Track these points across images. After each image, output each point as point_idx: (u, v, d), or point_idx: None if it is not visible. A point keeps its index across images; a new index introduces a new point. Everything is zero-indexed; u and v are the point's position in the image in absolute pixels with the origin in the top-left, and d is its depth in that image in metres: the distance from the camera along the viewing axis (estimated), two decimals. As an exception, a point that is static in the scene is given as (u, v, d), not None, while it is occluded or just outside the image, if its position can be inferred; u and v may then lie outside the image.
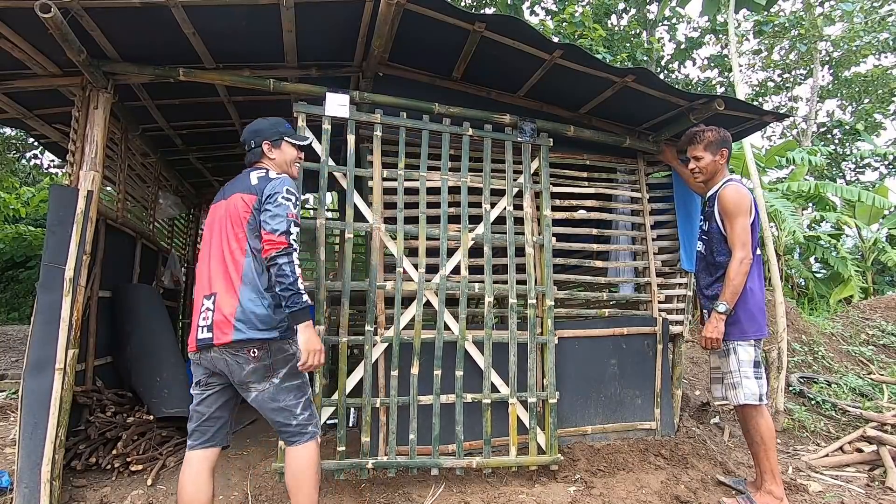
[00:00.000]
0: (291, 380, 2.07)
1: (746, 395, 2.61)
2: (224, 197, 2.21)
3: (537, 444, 3.03)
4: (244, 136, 2.32)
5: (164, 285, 4.92)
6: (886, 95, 12.92)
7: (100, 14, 2.49)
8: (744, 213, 2.58)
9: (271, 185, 2.09)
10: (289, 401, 2.05)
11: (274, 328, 2.02)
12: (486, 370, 3.02)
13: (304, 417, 2.08)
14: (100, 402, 3.23)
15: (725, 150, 2.74)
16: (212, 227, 2.19)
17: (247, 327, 1.98)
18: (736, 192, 2.61)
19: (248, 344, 1.97)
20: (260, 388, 2.02)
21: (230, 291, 2.01)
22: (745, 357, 2.63)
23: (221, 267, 2.06)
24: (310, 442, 2.09)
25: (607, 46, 8.31)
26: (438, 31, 2.84)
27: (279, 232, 1.97)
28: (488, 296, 3.09)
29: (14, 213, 9.58)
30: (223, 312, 1.99)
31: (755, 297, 2.65)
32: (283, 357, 2.05)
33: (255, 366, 1.99)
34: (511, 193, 3.26)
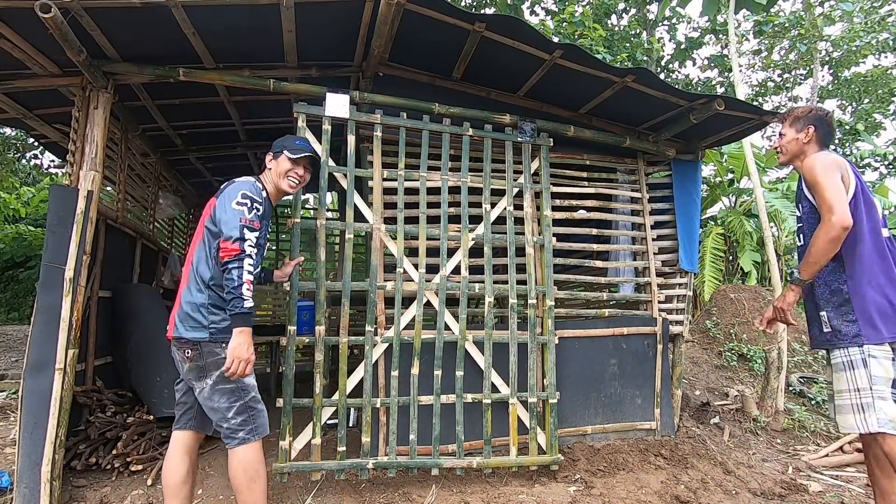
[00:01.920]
0: (224, 383, 2.05)
1: (880, 422, 2.01)
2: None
3: (538, 444, 3.03)
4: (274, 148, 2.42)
5: (164, 285, 4.91)
6: (886, 95, 12.91)
7: (100, 14, 2.49)
8: (828, 171, 2.11)
9: (227, 190, 2.13)
10: (221, 403, 2.05)
11: (204, 328, 2.05)
12: (487, 370, 3.02)
13: (235, 422, 2.06)
14: (100, 402, 3.23)
15: (812, 128, 2.32)
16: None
17: (182, 326, 2.06)
18: (816, 156, 2.20)
19: (181, 342, 2.06)
20: (198, 387, 2.08)
21: (181, 290, 2.12)
22: (880, 371, 2.05)
23: (189, 267, 2.16)
24: (240, 447, 2.06)
25: (607, 46, 8.32)
26: (438, 31, 2.84)
27: (233, 238, 2.00)
28: (488, 296, 3.09)
29: (14, 213, 9.57)
30: (175, 309, 2.11)
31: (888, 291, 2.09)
32: (214, 360, 2.05)
33: (190, 365, 2.07)
34: (511, 193, 3.26)
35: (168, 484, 2.10)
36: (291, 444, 2.71)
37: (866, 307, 2.08)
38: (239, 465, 2.05)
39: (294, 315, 2.79)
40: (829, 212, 2.05)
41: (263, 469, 2.10)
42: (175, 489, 2.10)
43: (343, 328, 2.86)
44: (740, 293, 6.17)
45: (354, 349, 4.18)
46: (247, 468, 2.05)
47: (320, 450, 2.76)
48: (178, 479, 2.10)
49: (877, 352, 2.05)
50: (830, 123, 2.36)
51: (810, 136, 2.33)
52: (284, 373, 2.74)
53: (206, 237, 2.12)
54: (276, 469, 2.66)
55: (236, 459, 2.06)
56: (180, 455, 2.14)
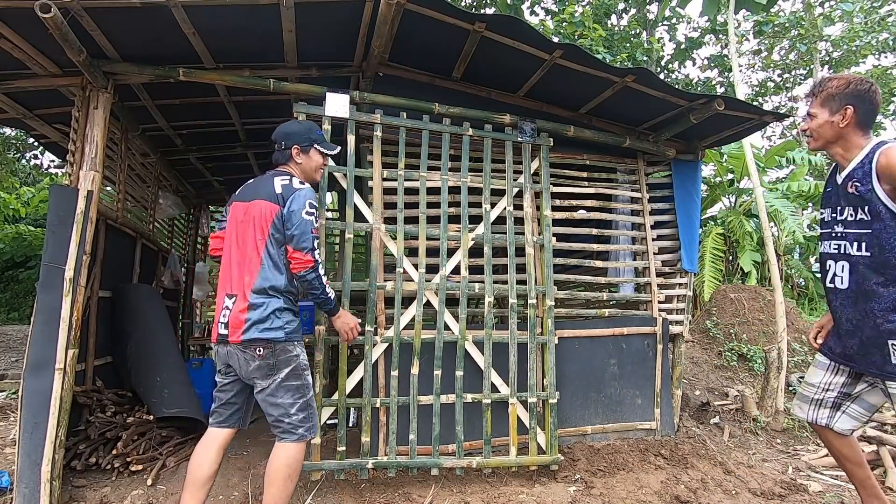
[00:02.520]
0: (291, 381, 2.14)
1: None
2: (245, 199, 2.27)
3: (537, 444, 3.03)
4: (275, 135, 2.37)
5: (164, 285, 4.92)
6: (886, 95, 12.91)
7: (100, 14, 2.49)
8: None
9: (295, 199, 2.16)
10: (286, 400, 2.13)
11: (279, 329, 2.12)
12: (486, 370, 3.02)
13: (297, 418, 2.15)
14: (100, 402, 3.23)
15: (850, 108, 1.90)
16: (233, 227, 2.26)
17: (255, 328, 2.08)
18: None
19: (255, 343, 2.08)
20: (263, 385, 2.13)
21: (245, 294, 2.12)
22: None
23: (239, 270, 2.17)
24: (296, 443, 2.15)
25: (607, 46, 8.31)
26: (438, 31, 2.84)
27: (306, 250, 2.14)
28: (488, 296, 3.09)
29: (14, 213, 9.58)
30: (237, 313, 2.11)
31: None
32: (285, 358, 2.13)
33: (260, 363, 2.10)
34: (511, 193, 3.26)
35: (196, 476, 2.14)
36: None
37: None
38: (285, 459, 2.11)
39: None
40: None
41: (300, 471, 2.17)
42: (202, 482, 2.14)
43: None
44: (740, 293, 6.17)
45: (354, 349, 4.19)
46: (290, 464, 2.12)
47: (320, 450, 2.76)
48: (208, 473, 2.15)
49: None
50: (874, 100, 1.93)
51: (848, 118, 1.91)
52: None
53: (271, 243, 2.16)
54: None
55: (284, 454, 2.12)
56: (216, 451, 2.20)
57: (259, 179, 2.34)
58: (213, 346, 2.25)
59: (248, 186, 2.34)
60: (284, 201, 2.16)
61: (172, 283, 5.07)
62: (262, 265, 2.14)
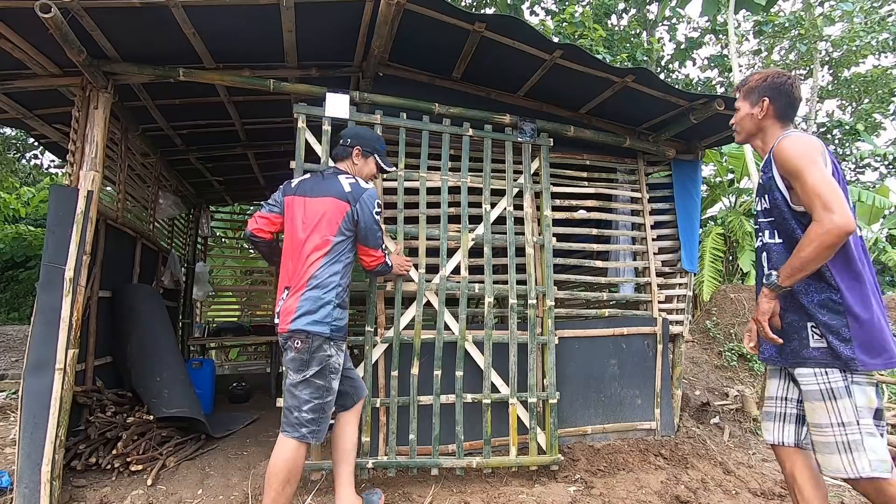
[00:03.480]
0: (317, 378, 2.19)
1: (873, 465, 1.62)
2: (311, 194, 2.33)
3: (537, 444, 3.03)
4: (345, 132, 2.53)
5: (164, 285, 4.92)
6: (886, 95, 12.91)
7: (100, 14, 2.49)
8: (813, 162, 1.70)
9: (366, 200, 2.29)
10: (303, 395, 2.17)
11: (327, 325, 2.18)
12: (486, 370, 3.02)
13: (305, 417, 2.16)
14: (100, 402, 3.23)
15: (766, 100, 1.91)
16: (293, 222, 2.32)
17: (303, 319, 2.15)
18: (795, 139, 1.78)
19: (296, 334, 2.16)
20: (293, 378, 2.19)
21: (301, 286, 2.20)
22: (863, 402, 1.68)
23: (301, 263, 2.23)
24: (296, 441, 2.15)
25: (607, 46, 8.32)
26: (438, 31, 2.84)
27: (378, 247, 2.36)
28: (488, 296, 3.09)
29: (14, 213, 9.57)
30: (289, 305, 2.19)
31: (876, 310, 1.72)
32: (319, 356, 2.18)
33: (294, 356, 2.17)
34: (511, 193, 3.26)
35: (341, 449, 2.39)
36: None
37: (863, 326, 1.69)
38: (285, 459, 2.12)
39: None
40: (826, 209, 1.62)
41: (299, 476, 2.18)
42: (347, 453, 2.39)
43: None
44: (740, 293, 6.17)
45: (354, 349, 4.19)
46: (290, 466, 2.11)
47: (320, 450, 2.76)
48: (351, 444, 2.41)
49: (861, 377, 1.69)
50: (791, 93, 1.91)
51: (765, 109, 1.92)
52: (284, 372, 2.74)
53: (339, 239, 2.25)
54: None
55: (284, 452, 2.12)
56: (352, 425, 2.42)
57: (322, 176, 2.41)
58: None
59: (308, 182, 2.41)
60: (355, 200, 2.26)
61: (172, 283, 5.07)
62: (325, 259, 2.22)
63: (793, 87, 1.92)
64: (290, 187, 2.44)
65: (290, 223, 2.34)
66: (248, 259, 9.29)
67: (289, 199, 2.40)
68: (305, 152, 2.90)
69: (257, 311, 7.68)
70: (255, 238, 2.43)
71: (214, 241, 7.93)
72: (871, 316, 1.70)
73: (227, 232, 8.76)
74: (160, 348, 3.72)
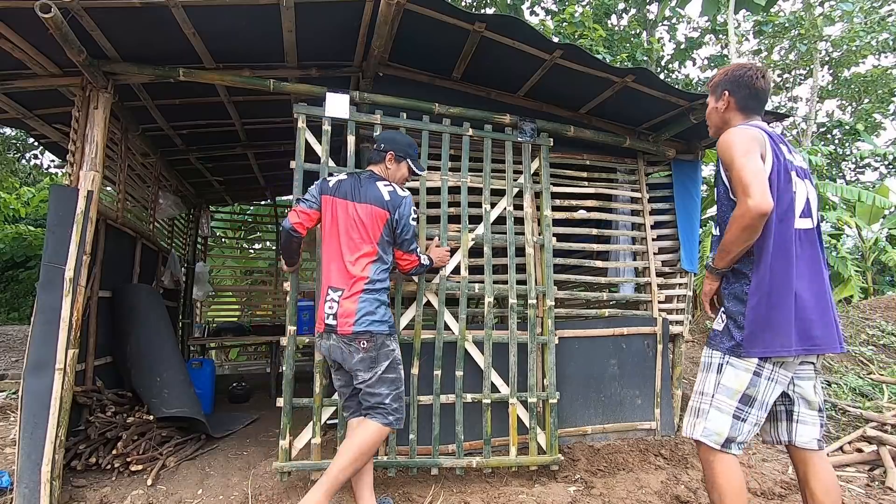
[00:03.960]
0: (389, 373, 2.32)
1: (705, 431, 1.83)
2: (350, 198, 2.38)
3: (537, 444, 3.03)
4: (378, 137, 2.64)
5: (164, 285, 4.92)
6: (886, 95, 12.92)
7: (100, 14, 2.49)
8: (748, 149, 1.76)
9: (403, 206, 2.40)
10: (383, 391, 2.29)
11: (384, 323, 2.30)
12: (486, 370, 3.02)
13: (392, 407, 2.31)
14: (100, 402, 3.23)
15: (727, 92, 1.96)
16: (336, 223, 2.37)
17: (364, 320, 2.25)
18: (733, 132, 1.84)
19: (361, 336, 2.25)
20: (364, 377, 2.28)
21: (355, 291, 2.28)
22: (731, 382, 1.82)
23: (349, 266, 2.31)
24: (381, 425, 2.27)
25: (607, 46, 8.32)
26: (438, 31, 2.84)
27: (414, 251, 2.47)
28: (488, 296, 3.09)
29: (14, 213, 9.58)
30: (347, 308, 2.26)
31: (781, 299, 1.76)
32: (385, 352, 2.30)
33: (363, 356, 2.26)
34: (511, 193, 3.26)
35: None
36: (292, 444, 2.72)
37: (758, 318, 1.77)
38: (360, 438, 2.23)
39: (294, 315, 2.79)
40: (745, 193, 1.69)
41: (370, 456, 2.28)
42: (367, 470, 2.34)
43: None
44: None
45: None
46: (363, 445, 2.22)
47: (320, 449, 2.76)
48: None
49: (737, 361, 1.80)
50: (751, 84, 1.92)
51: (727, 102, 1.96)
52: (284, 372, 2.74)
53: (380, 244, 2.36)
54: (277, 468, 2.66)
55: (364, 432, 2.24)
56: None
57: (359, 181, 2.44)
58: (318, 339, 2.40)
59: (347, 184, 2.43)
60: (394, 209, 2.37)
61: (172, 283, 5.07)
62: (373, 263, 2.32)
63: (753, 78, 1.93)
64: (328, 186, 2.45)
65: (332, 225, 2.38)
66: (248, 259, 9.30)
67: (328, 199, 2.42)
68: (305, 152, 2.90)
69: (257, 311, 7.68)
70: (295, 233, 2.44)
71: (214, 241, 7.93)
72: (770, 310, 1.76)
73: (227, 232, 8.76)
74: (160, 348, 3.72)
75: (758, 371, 1.78)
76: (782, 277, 1.77)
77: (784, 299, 1.76)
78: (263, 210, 8.75)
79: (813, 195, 1.89)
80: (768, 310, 1.76)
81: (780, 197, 1.78)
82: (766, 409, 1.82)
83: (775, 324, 1.76)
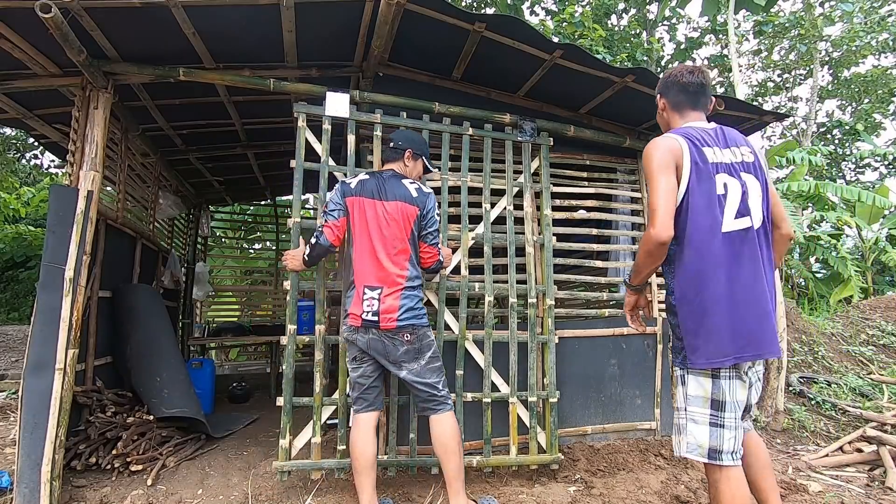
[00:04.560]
0: (433, 363, 2.45)
1: (688, 446, 1.81)
2: (378, 197, 2.43)
3: (538, 444, 3.03)
4: (396, 136, 2.65)
5: (164, 285, 4.92)
6: (886, 95, 12.92)
7: (100, 14, 2.49)
8: (656, 168, 1.78)
9: (430, 202, 2.50)
10: (432, 378, 2.42)
11: (423, 316, 2.42)
12: (487, 369, 3.02)
13: (443, 393, 2.44)
14: (100, 402, 3.23)
15: (659, 95, 2.06)
16: (365, 223, 2.41)
17: (407, 315, 2.35)
18: (648, 146, 1.84)
19: (404, 329, 2.34)
20: (411, 367, 2.39)
21: (395, 288, 2.36)
22: (696, 391, 1.81)
23: (386, 265, 2.37)
24: (451, 411, 2.43)
25: (607, 46, 8.32)
26: (438, 31, 2.84)
27: (437, 245, 2.54)
28: (488, 295, 3.09)
29: (14, 213, 9.58)
30: (390, 304, 2.33)
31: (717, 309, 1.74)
32: (427, 342, 2.43)
33: (408, 348, 2.36)
34: (511, 193, 3.26)
35: (367, 460, 2.35)
36: (292, 443, 2.71)
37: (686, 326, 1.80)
38: (453, 428, 2.39)
39: (294, 314, 2.79)
40: (650, 221, 1.76)
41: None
42: (371, 463, 2.36)
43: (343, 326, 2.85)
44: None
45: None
46: (456, 432, 2.40)
47: (320, 449, 2.76)
48: (373, 453, 2.38)
49: (694, 370, 1.81)
50: (678, 81, 1.97)
51: (663, 105, 2.04)
52: (284, 372, 2.75)
53: (412, 241, 2.44)
54: (277, 467, 2.66)
55: (450, 423, 2.39)
56: (373, 433, 2.44)
57: (378, 178, 2.48)
58: (351, 332, 2.41)
59: (370, 183, 2.47)
60: (423, 205, 2.46)
61: (172, 283, 5.07)
62: (409, 259, 2.41)
63: (679, 75, 1.97)
64: (351, 188, 2.47)
65: (362, 225, 2.41)
66: (248, 259, 9.30)
67: (354, 200, 2.44)
68: (305, 151, 2.90)
69: (257, 311, 7.68)
70: (332, 248, 2.50)
71: (214, 241, 7.93)
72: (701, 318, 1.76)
73: (227, 232, 8.76)
74: (160, 348, 3.72)
75: (715, 375, 1.77)
76: (711, 286, 1.75)
77: (714, 307, 1.74)
78: (263, 210, 8.75)
79: (756, 191, 1.82)
80: (699, 318, 1.77)
81: (698, 204, 1.77)
82: (741, 409, 1.78)
83: (709, 333, 1.75)
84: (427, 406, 2.43)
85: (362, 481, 2.35)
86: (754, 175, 1.84)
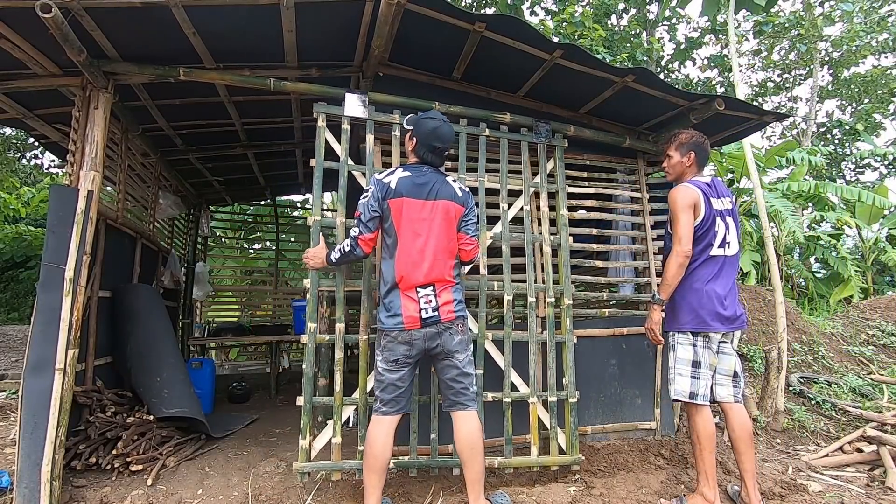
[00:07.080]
0: (472, 356, 2.56)
1: (676, 392, 2.64)
2: (426, 197, 2.42)
3: (558, 445, 3.02)
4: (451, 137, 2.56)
5: (164, 285, 4.92)
6: (886, 95, 12.92)
7: (100, 14, 2.49)
8: (683, 209, 2.57)
9: (472, 201, 2.61)
10: (471, 370, 2.50)
11: (465, 309, 2.53)
12: (507, 369, 3.01)
13: (475, 388, 2.50)
14: (100, 402, 3.23)
15: (693, 153, 2.72)
16: (413, 222, 2.39)
17: (460, 307, 2.46)
18: (677, 190, 2.63)
19: (460, 320, 2.45)
20: (461, 357, 2.45)
21: (449, 283, 2.44)
22: (683, 354, 2.64)
23: (439, 262, 2.41)
24: (475, 410, 2.47)
25: (607, 46, 8.31)
26: (439, 31, 2.84)
27: (477, 236, 2.62)
28: (507, 294, 3.09)
29: (14, 213, 9.58)
30: (446, 298, 2.40)
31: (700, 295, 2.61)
32: (470, 336, 2.59)
33: (462, 337, 2.46)
34: (528, 193, 3.27)
35: (383, 461, 2.34)
36: (311, 444, 2.68)
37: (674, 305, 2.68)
38: (479, 428, 2.45)
39: (314, 312, 2.77)
40: (678, 243, 2.56)
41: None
42: (387, 463, 2.37)
43: (363, 326, 2.83)
44: (740, 293, 6.17)
45: (354, 349, 4.18)
46: (481, 431, 2.46)
47: (340, 449, 2.73)
48: (388, 456, 2.37)
49: (682, 339, 2.65)
50: (707, 149, 2.76)
51: (692, 160, 2.73)
52: (304, 371, 2.70)
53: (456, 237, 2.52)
54: (297, 469, 2.64)
55: (476, 423, 2.44)
56: (391, 436, 2.40)
57: (433, 179, 2.46)
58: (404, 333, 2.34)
59: (414, 183, 2.42)
60: (465, 202, 2.54)
61: (172, 283, 5.07)
62: (455, 256, 2.50)
63: (707, 145, 2.78)
64: (391, 189, 2.39)
65: (409, 225, 2.38)
66: (248, 259, 9.30)
67: (398, 201, 2.38)
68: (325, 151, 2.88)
69: (257, 311, 7.68)
70: (366, 257, 2.53)
71: (214, 241, 7.93)
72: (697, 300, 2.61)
73: (227, 232, 8.76)
74: (160, 348, 3.72)
75: (694, 343, 2.64)
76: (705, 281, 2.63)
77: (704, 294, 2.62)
78: (263, 210, 8.75)
79: (732, 230, 2.66)
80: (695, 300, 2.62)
81: (705, 235, 2.62)
82: (711, 370, 2.66)
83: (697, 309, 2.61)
84: (458, 401, 2.44)
85: (374, 481, 2.33)
86: (732, 218, 2.68)
